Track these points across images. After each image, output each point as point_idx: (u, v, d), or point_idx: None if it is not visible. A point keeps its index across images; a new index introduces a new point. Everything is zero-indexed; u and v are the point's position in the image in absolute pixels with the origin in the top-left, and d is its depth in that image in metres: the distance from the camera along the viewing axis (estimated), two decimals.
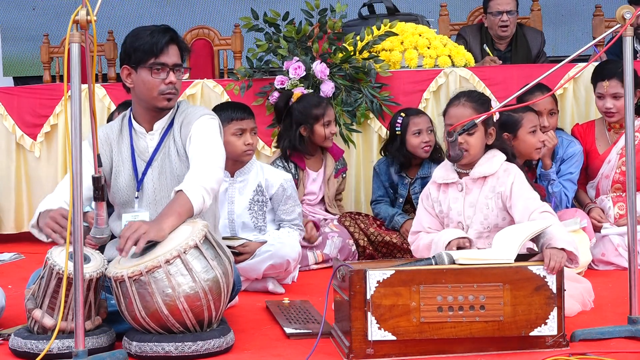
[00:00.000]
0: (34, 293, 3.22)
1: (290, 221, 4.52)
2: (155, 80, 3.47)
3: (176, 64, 3.50)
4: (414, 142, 5.07)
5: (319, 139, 5.05)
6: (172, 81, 3.48)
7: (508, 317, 3.08)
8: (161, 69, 3.47)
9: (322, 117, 5.02)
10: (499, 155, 3.68)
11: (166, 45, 3.47)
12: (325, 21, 5.59)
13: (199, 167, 3.38)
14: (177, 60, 3.51)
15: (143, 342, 3.09)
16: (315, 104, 5.05)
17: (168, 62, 3.48)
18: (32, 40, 9.03)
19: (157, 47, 3.45)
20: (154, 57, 3.46)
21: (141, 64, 3.48)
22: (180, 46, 3.54)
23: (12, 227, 5.90)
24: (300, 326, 3.47)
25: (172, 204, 3.28)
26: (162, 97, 3.49)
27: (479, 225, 3.64)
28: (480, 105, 3.69)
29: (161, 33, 3.48)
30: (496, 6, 6.25)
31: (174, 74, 3.49)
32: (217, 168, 3.44)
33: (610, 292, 4.00)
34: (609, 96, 4.87)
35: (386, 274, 3.04)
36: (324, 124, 5.03)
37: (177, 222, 3.23)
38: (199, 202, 3.29)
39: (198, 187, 3.30)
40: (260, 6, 5.98)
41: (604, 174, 4.92)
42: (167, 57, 3.48)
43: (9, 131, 5.86)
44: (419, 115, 5.14)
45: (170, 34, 3.50)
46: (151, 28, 3.52)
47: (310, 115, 5.02)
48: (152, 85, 3.48)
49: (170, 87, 3.48)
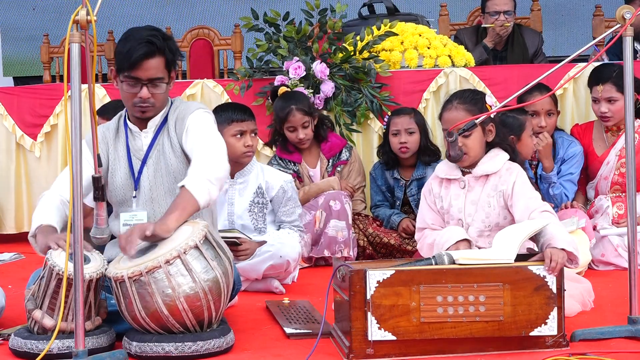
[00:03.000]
0: (34, 293, 3.22)
1: (291, 222, 4.52)
2: (129, 93, 3.43)
3: (152, 79, 3.39)
4: (393, 142, 5.12)
5: (291, 139, 5.10)
6: (142, 97, 3.40)
7: (508, 317, 3.08)
8: (134, 82, 3.40)
9: (285, 122, 5.04)
10: (502, 154, 3.68)
11: (141, 59, 3.35)
12: (325, 21, 5.60)
13: (201, 159, 3.34)
14: (154, 74, 3.39)
15: (143, 342, 3.09)
16: (280, 107, 5.06)
17: (142, 77, 3.38)
18: (32, 40, 9.04)
19: (130, 60, 3.35)
20: (127, 69, 3.38)
21: (119, 72, 3.43)
22: (166, 57, 3.41)
23: (12, 227, 5.91)
24: (300, 326, 3.47)
25: (176, 200, 3.26)
26: (136, 109, 3.45)
27: (480, 223, 3.64)
28: (474, 104, 3.68)
29: (142, 44, 3.35)
30: (494, 6, 6.25)
31: (147, 88, 3.40)
32: (220, 157, 3.38)
33: (610, 292, 4.00)
34: (603, 100, 4.87)
35: (386, 274, 3.04)
36: (287, 128, 5.04)
37: (183, 217, 3.21)
38: (203, 195, 3.25)
39: (201, 180, 3.26)
40: (260, 6, 5.99)
41: (602, 175, 4.93)
42: (142, 71, 3.37)
43: (9, 131, 5.86)
44: (400, 116, 5.14)
45: (150, 47, 3.36)
46: (138, 36, 3.39)
47: (277, 118, 5.08)
48: (127, 96, 3.44)
49: (141, 101, 3.41)
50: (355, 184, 5.21)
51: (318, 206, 4.92)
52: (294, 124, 5.03)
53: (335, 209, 4.87)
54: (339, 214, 4.88)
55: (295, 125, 5.03)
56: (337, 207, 4.88)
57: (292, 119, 5.03)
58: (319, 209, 4.90)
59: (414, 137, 5.08)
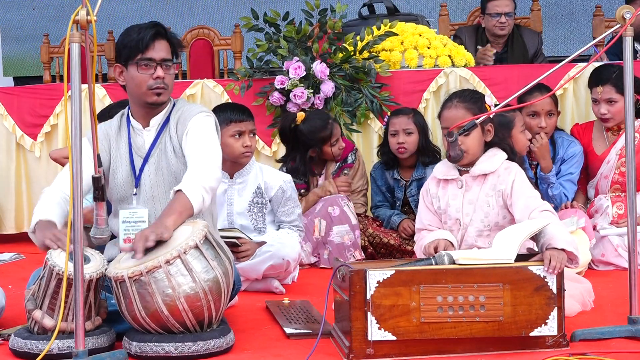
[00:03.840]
0: (34, 293, 3.22)
1: (290, 222, 4.52)
2: (143, 76, 3.47)
3: (164, 59, 3.48)
4: (391, 142, 5.12)
5: (328, 157, 5.12)
6: (160, 76, 3.47)
7: (508, 317, 3.08)
8: (148, 64, 3.46)
9: (329, 139, 5.05)
10: (500, 153, 3.68)
11: (152, 40, 3.46)
12: (325, 21, 5.60)
13: (197, 166, 3.37)
14: (165, 55, 3.49)
15: (143, 342, 3.09)
16: (321, 127, 5.05)
17: (155, 57, 3.46)
18: (32, 40, 9.05)
19: (142, 42, 3.45)
20: (140, 52, 3.45)
21: (130, 61, 3.48)
22: (171, 41, 3.53)
23: (12, 227, 5.92)
24: (300, 326, 3.47)
25: (172, 204, 3.27)
26: (151, 92, 3.48)
27: (480, 223, 3.64)
28: (474, 103, 3.68)
29: (148, 29, 3.47)
30: (495, 8, 6.26)
31: (162, 68, 3.47)
32: (215, 167, 3.43)
33: (611, 292, 4.00)
34: (603, 102, 4.88)
35: (386, 274, 3.04)
36: (331, 144, 5.06)
37: (179, 221, 3.23)
38: (198, 202, 3.28)
39: (197, 187, 3.30)
40: (260, 6, 5.99)
41: (603, 174, 4.93)
42: (154, 52, 3.46)
43: (9, 131, 5.87)
44: (398, 116, 5.14)
45: (156, 29, 3.49)
46: (140, 25, 3.51)
47: (317, 139, 5.05)
48: (141, 81, 3.48)
49: (158, 81, 3.47)
50: (357, 187, 5.22)
51: (316, 213, 4.92)
52: (338, 134, 5.10)
53: (335, 215, 4.87)
54: (340, 219, 4.87)
55: (338, 137, 5.09)
56: (336, 212, 4.87)
57: (336, 131, 5.10)
58: (317, 217, 4.90)
59: (412, 137, 5.07)
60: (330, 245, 4.86)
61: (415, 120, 5.11)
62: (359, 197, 5.23)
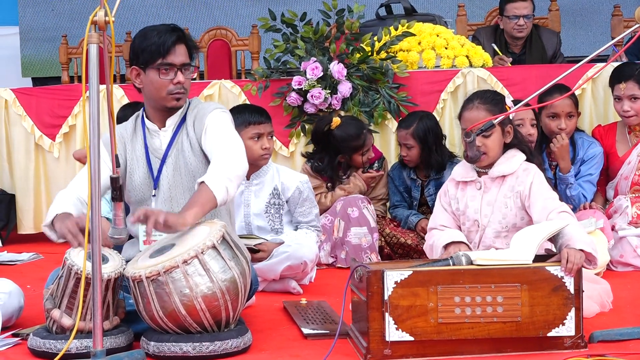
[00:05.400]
0: (53, 293, 3.23)
1: (308, 223, 4.52)
2: (164, 81, 3.47)
3: (184, 64, 3.49)
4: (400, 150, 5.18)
5: (356, 164, 5.14)
6: (180, 81, 3.47)
7: (526, 318, 3.07)
8: (169, 69, 3.47)
9: (361, 148, 5.07)
10: (519, 155, 3.67)
11: (173, 45, 3.46)
12: (342, 22, 5.60)
13: (221, 157, 3.36)
14: (184, 59, 3.50)
15: (161, 342, 3.10)
16: (355, 135, 5.07)
17: (176, 62, 3.47)
18: (50, 41, 9.08)
19: (164, 47, 3.45)
20: (161, 57, 3.45)
21: (149, 65, 3.47)
22: (188, 45, 3.53)
23: (31, 227, 5.94)
24: (317, 327, 3.47)
25: (195, 196, 3.27)
26: (171, 97, 3.49)
27: (497, 224, 3.63)
28: (495, 105, 3.67)
29: (168, 33, 3.47)
30: (513, 10, 6.24)
31: (182, 73, 3.48)
32: (239, 156, 3.41)
33: (629, 293, 3.99)
34: (626, 98, 4.85)
35: (404, 274, 3.04)
36: (362, 153, 5.08)
37: (201, 213, 3.22)
38: (222, 193, 3.26)
39: (221, 178, 3.28)
40: (277, 7, 6.00)
41: (623, 175, 4.90)
42: (175, 57, 3.47)
43: (27, 132, 5.89)
44: (400, 129, 5.18)
45: (177, 34, 3.49)
46: (159, 28, 3.51)
47: (349, 146, 5.08)
48: (161, 86, 3.48)
49: (178, 87, 3.48)
50: (379, 194, 5.23)
51: (337, 213, 4.92)
52: (369, 144, 5.13)
53: (354, 217, 4.87)
54: (358, 220, 4.87)
55: (369, 147, 5.12)
56: (355, 214, 4.87)
57: (369, 141, 5.13)
58: (337, 217, 4.90)
59: (412, 151, 5.09)
60: (347, 245, 4.86)
61: (415, 133, 5.07)
62: (379, 205, 5.24)
